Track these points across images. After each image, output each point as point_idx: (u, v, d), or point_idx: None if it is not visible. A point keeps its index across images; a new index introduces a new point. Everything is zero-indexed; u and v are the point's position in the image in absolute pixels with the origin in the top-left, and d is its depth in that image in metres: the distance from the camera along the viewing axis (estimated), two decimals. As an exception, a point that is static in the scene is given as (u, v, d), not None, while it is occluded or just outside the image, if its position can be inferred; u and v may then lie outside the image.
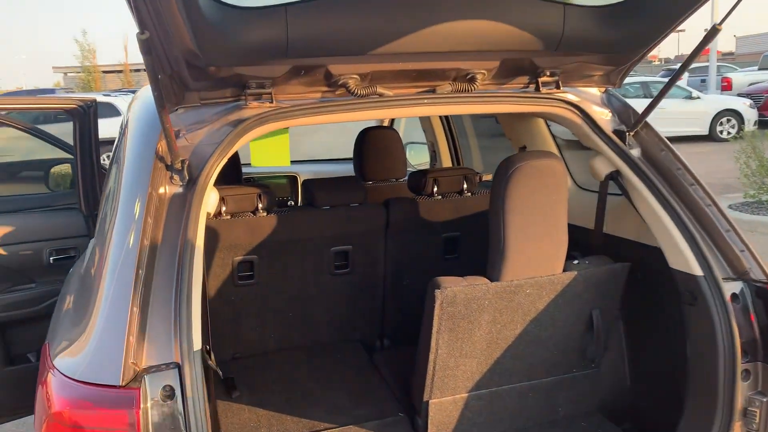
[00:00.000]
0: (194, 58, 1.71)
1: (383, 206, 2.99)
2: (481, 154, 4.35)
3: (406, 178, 3.26)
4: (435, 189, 3.01)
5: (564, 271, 2.23)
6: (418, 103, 2.09)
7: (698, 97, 17.06)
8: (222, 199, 2.72)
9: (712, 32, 1.91)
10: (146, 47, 1.43)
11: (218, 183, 2.84)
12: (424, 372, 2.24)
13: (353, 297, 3.08)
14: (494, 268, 2.18)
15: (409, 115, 2.16)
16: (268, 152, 4.39)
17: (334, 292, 3.04)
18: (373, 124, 4.29)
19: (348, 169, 4.00)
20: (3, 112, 3.62)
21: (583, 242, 2.54)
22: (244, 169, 5.47)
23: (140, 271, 1.61)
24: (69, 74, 42.41)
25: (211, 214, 2.14)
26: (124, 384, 1.46)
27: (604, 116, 2.30)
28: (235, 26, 1.71)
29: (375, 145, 3.93)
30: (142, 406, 1.47)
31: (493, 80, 2.24)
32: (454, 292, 2.10)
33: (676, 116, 16.45)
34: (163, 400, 1.51)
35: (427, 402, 2.29)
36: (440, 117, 4.29)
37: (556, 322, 2.28)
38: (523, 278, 2.16)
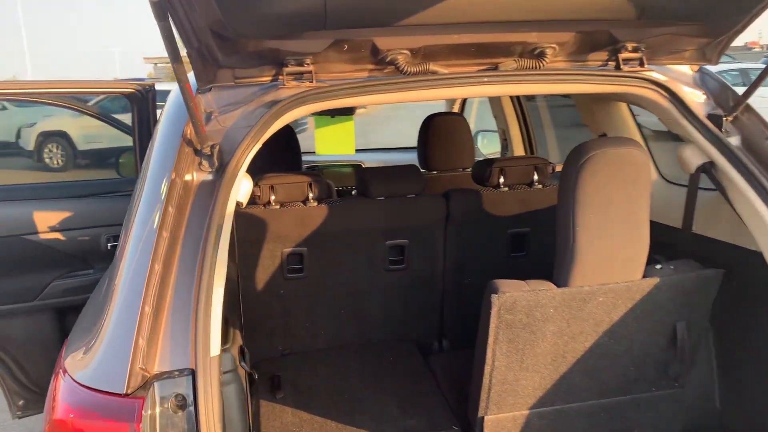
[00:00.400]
0: (221, 27, 1.53)
1: (443, 198, 2.75)
2: (558, 145, 4.03)
3: None
4: (501, 180, 2.75)
5: (644, 277, 1.93)
6: (477, 82, 1.84)
7: (804, 85, 15.70)
8: (271, 188, 2.57)
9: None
10: (160, 12, 1.26)
11: (275, 170, 2.69)
12: (479, 385, 2.00)
13: (409, 294, 2.86)
14: (562, 271, 1.91)
15: (466, 96, 1.92)
16: (332, 140, 4.28)
17: (389, 289, 2.84)
18: (439, 108, 4.05)
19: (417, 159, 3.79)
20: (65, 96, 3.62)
21: (668, 244, 2.21)
22: (308, 158, 5.40)
23: (156, 266, 1.45)
24: (159, 65, 44.04)
25: (243, 204, 1.98)
26: (129, 392, 1.31)
27: (696, 99, 1.97)
28: (266, -8, 1.52)
29: (440, 133, 3.70)
30: (149, 414, 1.32)
31: (566, 56, 1.96)
32: (513, 298, 1.85)
33: (779, 105, 15.20)
34: (173, 410, 1.36)
35: (483, 418, 2.05)
36: (513, 103, 3.99)
37: (633, 335, 1.99)
38: (596, 284, 1.87)
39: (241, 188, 1.78)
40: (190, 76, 1.74)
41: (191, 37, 1.54)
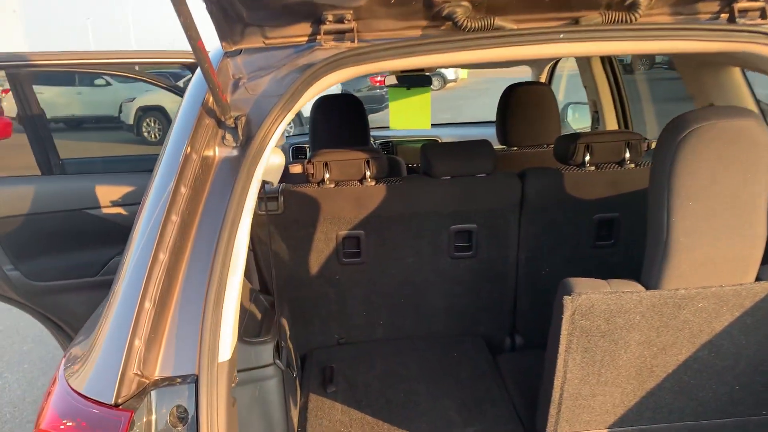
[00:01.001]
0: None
1: (518, 178, 2.44)
2: (658, 122, 3.58)
3: None
4: (587, 158, 2.40)
5: (758, 279, 1.57)
6: (552, 39, 1.51)
7: None
8: (325, 165, 2.35)
9: None
10: None
11: (339, 146, 2.48)
12: (548, 397, 1.72)
13: (477, 285, 2.58)
14: (653, 270, 1.57)
15: (538, 56, 1.60)
16: (407, 114, 4.03)
17: (454, 278, 2.57)
18: (521, 79, 3.69)
19: None
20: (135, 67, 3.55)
21: None
22: (384, 133, 5.16)
23: (161, 255, 1.26)
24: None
25: (274, 183, 1.77)
26: (119, 402, 1.13)
27: None
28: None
29: (522, 104, 3.36)
30: (141, 429, 1.14)
31: (666, 7, 1.60)
32: (591, 301, 1.54)
33: None
34: (172, 424, 1.17)
35: (551, 435, 1.77)
36: (606, 70, 3.57)
37: (741, 349, 1.63)
38: (695, 287, 1.53)
39: (271, 165, 1.56)
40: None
41: (208, -11, 1.33)
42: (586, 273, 2.58)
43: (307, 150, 4.72)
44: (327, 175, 2.36)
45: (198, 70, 1.64)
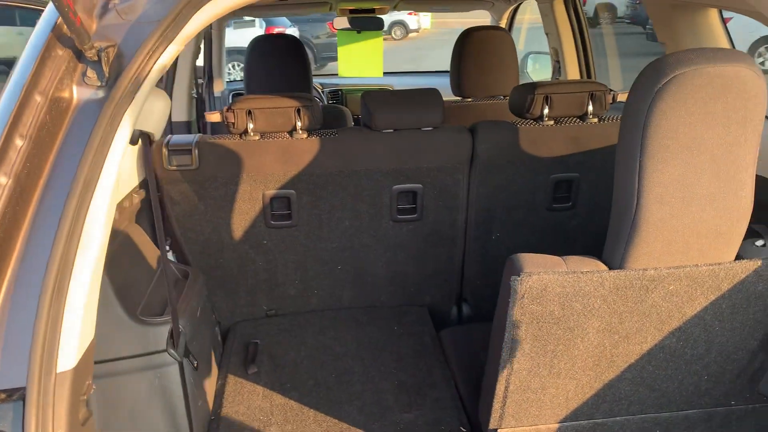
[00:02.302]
0: None
1: (468, 132, 2.16)
2: (623, 77, 3.33)
3: None
4: (546, 111, 2.13)
5: (738, 258, 1.33)
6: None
7: None
8: (248, 113, 2.02)
9: None
10: None
11: (281, 92, 2.15)
12: (492, 390, 1.48)
13: (422, 251, 2.32)
14: (617, 245, 1.32)
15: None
16: (358, 60, 3.70)
17: (397, 244, 2.30)
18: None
19: None
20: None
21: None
22: (333, 81, 4.82)
23: None
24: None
25: (155, 135, 1.45)
26: None
27: None
28: None
29: (478, 51, 3.06)
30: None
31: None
32: (543, 283, 1.28)
33: None
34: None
35: (496, 430, 1.54)
36: (570, 16, 3.28)
37: (714, 337, 1.41)
38: (666, 267, 1.29)
39: (151, 111, 1.24)
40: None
41: None
42: (540, 239, 2.35)
43: None
44: (251, 126, 2.03)
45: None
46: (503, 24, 4.03)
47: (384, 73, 3.63)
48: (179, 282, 1.99)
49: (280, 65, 2.96)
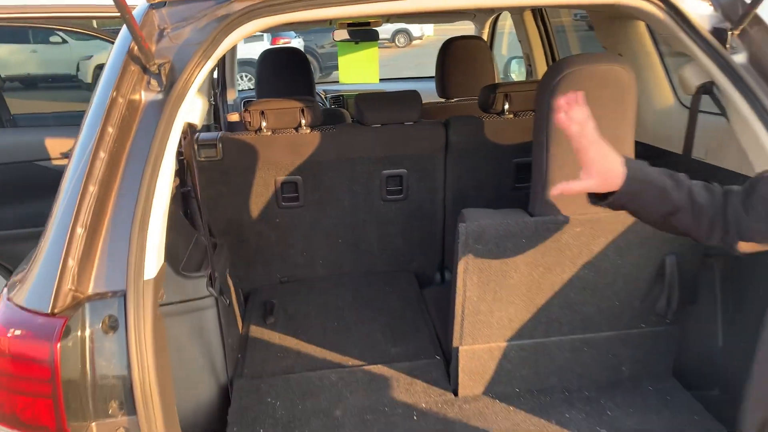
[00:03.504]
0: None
1: (442, 125, 2.63)
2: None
3: None
4: (506, 106, 2.59)
5: None
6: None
7: None
8: (261, 113, 2.50)
9: None
10: None
11: (289, 97, 2.61)
12: (454, 316, 1.94)
13: (409, 225, 2.79)
14: (536, 200, 1.79)
15: (430, 8, 1.75)
16: (356, 68, 4.15)
17: (387, 219, 2.77)
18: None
19: None
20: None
21: None
22: (335, 87, 5.28)
23: (91, 187, 1.42)
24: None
25: (198, 126, 1.92)
26: (55, 312, 1.30)
27: (700, 10, 1.76)
28: None
29: (458, 58, 3.53)
30: (78, 334, 1.32)
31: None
32: (481, 227, 1.75)
33: None
34: (105, 331, 1.35)
35: (457, 348, 2.00)
36: (537, 24, 3.74)
37: (618, 269, 1.87)
38: (572, 214, 1.75)
39: (195, 108, 1.72)
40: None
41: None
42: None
43: None
44: (264, 123, 2.51)
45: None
46: (485, 32, 4.49)
47: (381, 79, 4.09)
48: (208, 250, 2.46)
49: (287, 74, 3.42)
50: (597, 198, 1.24)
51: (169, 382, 1.43)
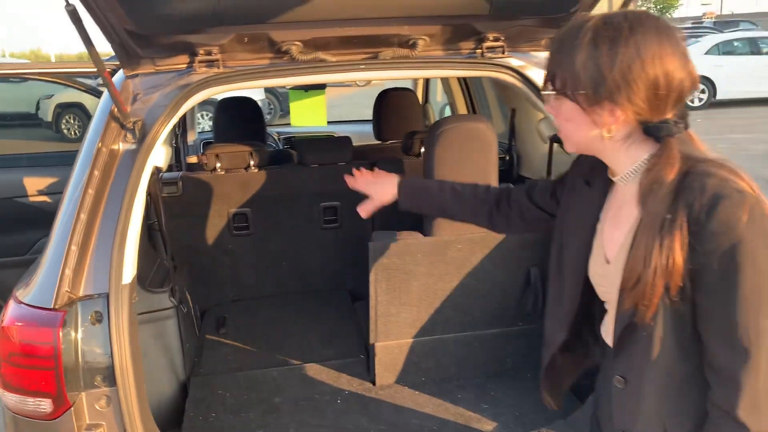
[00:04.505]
0: (133, 27, 1.94)
1: (369, 166, 3.15)
2: (504, 119, 4.39)
3: None
4: (422, 150, 3.14)
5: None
6: (356, 68, 2.23)
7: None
8: (216, 156, 2.99)
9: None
10: (74, 18, 1.66)
11: (240, 141, 3.10)
12: (370, 317, 2.44)
13: (343, 249, 3.29)
14: (427, 223, 2.32)
15: (349, 80, 2.29)
16: (306, 112, 4.64)
17: (325, 245, 3.27)
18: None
19: None
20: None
21: None
22: (288, 130, 5.81)
23: (82, 216, 1.88)
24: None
25: (163, 168, 2.39)
26: (56, 307, 1.75)
27: None
28: (165, -2, 1.91)
29: (391, 106, 4.07)
30: (73, 325, 1.76)
31: (440, 45, 2.33)
32: (385, 245, 2.26)
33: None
34: (92, 323, 1.80)
35: (374, 345, 2.49)
36: (459, 79, 4.34)
37: (493, 278, 2.39)
38: (454, 235, 2.28)
39: (160, 155, 2.21)
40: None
41: (111, 34, 1.95)
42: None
43: None
44: (218, 164, 3.00)
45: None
46: (420, 85, 5.10)
47: (330, 122, 4.59)
48: (170, 272, 2.92)
49: (241, 121, 3.92)
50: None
51: (140, 362, 1.88)
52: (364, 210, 1.86)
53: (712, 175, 1.11)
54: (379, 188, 1.85)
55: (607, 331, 1.37)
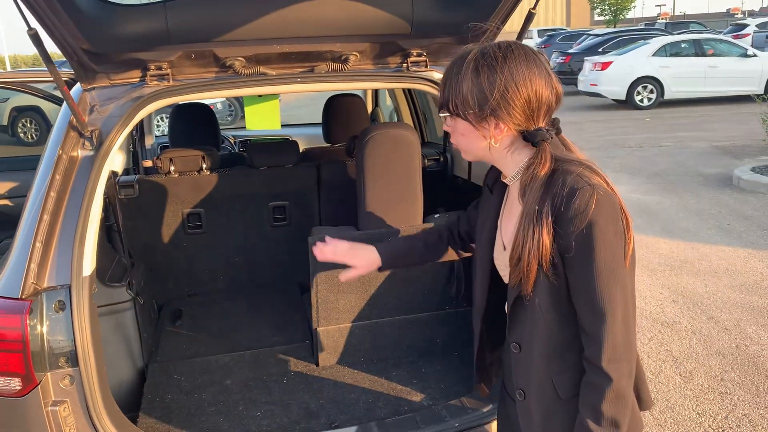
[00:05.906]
0: (89, 46, 2.17)
1: (315, 168, 3.42)
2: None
3: None
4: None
5: (424, 222, 2.62)
6: (294, 81, 2.49)
7: (754, 55, 16.42)
8: (170, 160, 3.22)
9: None
10: (36, 40, 1.89)
11: (195, 145, 3.33)
12: (312, 304, 2.70)
13: (292, 245, 3.55)
14: (360, 219, 2.59)
15: (288, 92, 2.56)
16: (260, 117, 4.87)
17: (275, 241, 3.52)
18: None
19: None
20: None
21: (461, 193, 2.92)
22: (243, 132, 6.02)
23: (45, 216, 2.11)
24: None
25: (119, 173, 2.62)
26: (23, 297, 1.97)
27: None
28: (118, 19, 2.15)
29: (339, 111, 4.34)
30: (38, 313, 1.98)
31: (371, 60, 2.61)
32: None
33: (730, 75, 16.06)
34: (56, 311, 2.03)
35: (316, 330, 2.75)
36: (405, 95, 4.64)
37: (423, 267, 2.68)
38: (383, 228, 2.56)
39: (116, 161, 2.44)
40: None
41: (70, 53, 2.18)
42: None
43: None
44: (172, 168, 3.23)
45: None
46: (369, 91, 5.38)
47: (284, 125, 4.80)
48: (128, 268, 3.14)
49: (194, 126, 4.13)
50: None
51: (100, 346, 2.11)
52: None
53: (572, 173, 1.40)
54: (364, 261, 1.95)
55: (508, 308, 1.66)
